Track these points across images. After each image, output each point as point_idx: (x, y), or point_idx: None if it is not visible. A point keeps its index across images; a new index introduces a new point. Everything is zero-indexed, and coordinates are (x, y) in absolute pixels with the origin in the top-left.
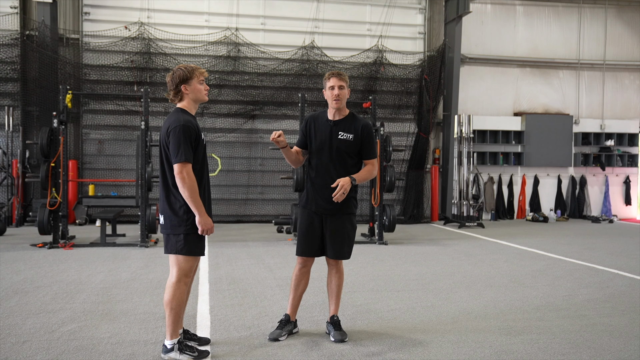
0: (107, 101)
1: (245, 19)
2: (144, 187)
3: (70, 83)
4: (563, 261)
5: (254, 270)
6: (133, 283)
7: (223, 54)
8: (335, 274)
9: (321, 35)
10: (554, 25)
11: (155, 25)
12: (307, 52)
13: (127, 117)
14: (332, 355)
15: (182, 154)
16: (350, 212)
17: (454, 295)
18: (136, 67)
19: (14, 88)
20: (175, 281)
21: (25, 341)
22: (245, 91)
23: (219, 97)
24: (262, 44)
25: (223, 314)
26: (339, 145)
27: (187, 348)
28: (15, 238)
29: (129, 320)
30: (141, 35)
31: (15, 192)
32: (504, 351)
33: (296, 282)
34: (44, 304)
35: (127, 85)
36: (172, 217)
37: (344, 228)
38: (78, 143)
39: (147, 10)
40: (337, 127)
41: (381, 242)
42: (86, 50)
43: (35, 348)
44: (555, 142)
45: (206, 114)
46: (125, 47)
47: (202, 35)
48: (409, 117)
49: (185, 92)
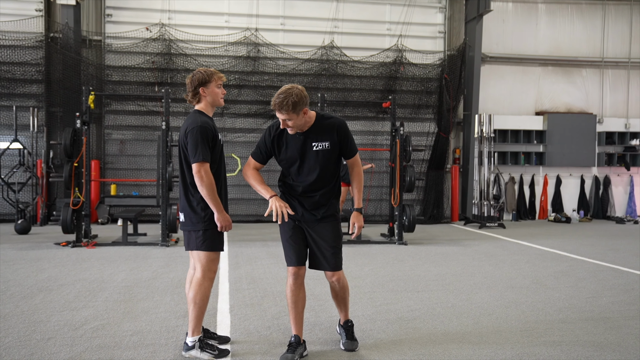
0: (129, 102)
1: (264, 19)
2: (164, 187)
3: (93, 84)
4: (586, 262)
5: (273, 269)
6: (154, 282)
7: (243, 55)
8: (337, 284)
9: (340, 35)
10: (577, 23)
11: (176, 27)
12: (326, 52)
13: (148, 117)
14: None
15: (200, 154)
16: (334, 217)
17: (474, 296)
18: (157, 68)
19: (38, 89)
20: (200, 277)
21: (49, 338)
22: (264, 91)
23: (239, 98)
24: (282, 44)
25: (243, 313)
26: (315, 156)
27: (207, 346)
28: (39, 237)
29: (150, 319)
30: (162, 37)
31: (39, 191)
32: (525, 353)
33: (294, 299)
34: (68, 302)
35: (148, 86)
36: (192, 214)
37: (331, 235)
38: (100, 143)
39: (168, 11)
40: (309, 138)
41: (401, 242)
42: (108, 52)
43: (59, 345)
44: (578, 142)
45: (226, 114)
46: (147, 48)
47: (222, 36)
48: (428, 117)
49: (203, 94)
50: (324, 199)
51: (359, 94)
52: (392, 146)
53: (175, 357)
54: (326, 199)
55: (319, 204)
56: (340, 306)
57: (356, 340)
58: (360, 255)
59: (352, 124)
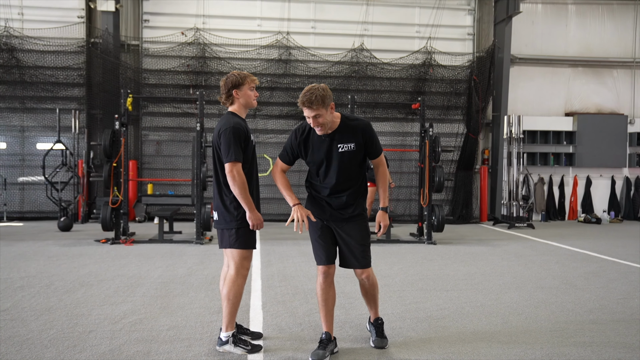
0: (165, 104)
1: (296, 23)
2: (199, 187)
3: (131, 87)
4: (617, 264)
5: (304, 267)
6: (189, 278)
7: (274, 57)
8: (367, 282)
9: (370, 38)
10: (608, 24)
11: (210, 31)
12: (356, 54)
13: (183, 119)
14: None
15: (232, 154)
16: (361, 216)
17: (503, 295)
18: (192, 71)
19: (79, 92)
20: (234, 274)
21: (91, 331)
22: (296, 93)
23: (271, 100)
24: (313, 47)
25: (275, 310)
26: (341, 157)
27: (241, 342)
28: (80, 234)
29: (185, 314)
30: (197, 41)
31: (80, 190)
32: (555, 353)
33: (324, 297)
34: (107, 297)
35: (184, 89)
36: (225, 213)
37: (359, 234)
38: (138, 144)
39: (202, 16)
40: (334, 140)
41: (430, 241)
42: (145, 56)
43: (100, 337)
44: (609, 143)
45: (258, 116)
46: (182, 52)
47: (255, 40)
48: (457, 118)
49: (236, 96)
50: (351, 199)
51: (388, 95)
52: (421, 147)
53: (210, 351)
54: (353, 198)
55: (346, 204)
56: (370, 303)
57: (386, 337)
58: (390, 254)
59: (381, 125)
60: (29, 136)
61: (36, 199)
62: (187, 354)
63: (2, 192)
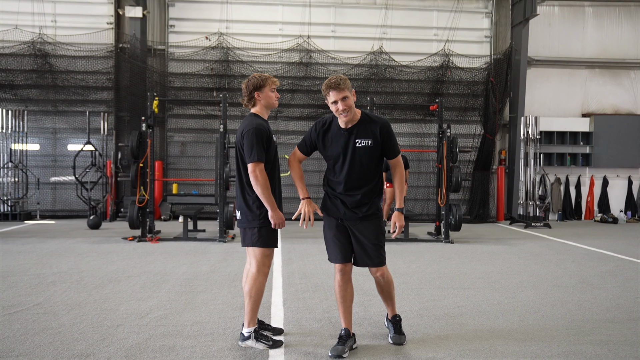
0: (189, 106)
1: (316, 27)
2: (222, 186)
3: (157, 90)
4: (634, 263)
5: (324, 265)
6: (212, 275)
7: (295, 61)
8: (382, 279)
9: (389, 41)
10: (626, 25)
11: (233, 35)
12: (375, 57)
13: (207, 120)
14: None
15: (255, 155)
16: (376, 216)
17: (520, 294)
18: (215, 74)
19: (108, 96)
20: (255, 272)
21: (119, 325)
22: (316, 95)
23: (292, 102)
24: (333, 50)
25: (295, 307)
26: (358, 153)
27: (262, 337)
28: (108, 232)
29: (209, 310)
30: (220, 45)
31: (109, 190)
32: (572, 351)
33: (342, 294)
34: (134, 292)
35: (207, 91)
36: (248, 212)
37: (373, 233)
38: (163, 145)
39: (225, 21)
40: (353, 135)
41: (447, 240)
42: (171, 60)
43: (127, 331)
44: (626, 143)
45: (280, 118)
46: (206, 56)
47: (276, 43)
48: (475, 119)
49: (258, 98)
50: (365, 198)
51: (406, 97)
52: (439, 148)
53: (232, 346)
54: (368, 197)
55: (360, 202)
56: (386, 301)
57: (404, 334)
58: (408, 252)
59: (400, 126)
60: (61, 138)
61: (67, 198)
62: (211, 349)
63: (36, 191)
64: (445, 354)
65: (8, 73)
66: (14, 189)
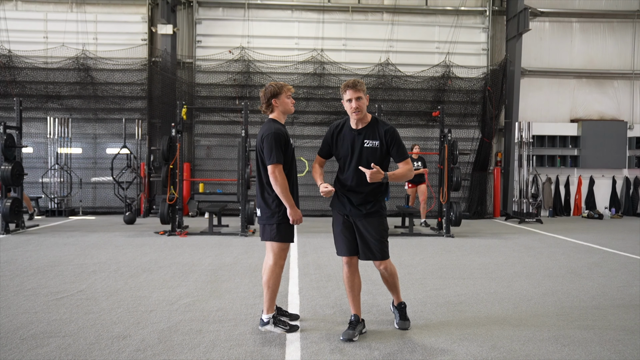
0: (214, 113)
1: (329, 41)
2: (243, 186)
3: (185, 99)
4: (618, 255)
5: (337, 257)
6: (235, 266)
7: (310, 72)
8: (386, 272)
9: (395, 54)
10: (609, 39)
11: (254, 49)
12: (382, 68)
13: (230, 126)
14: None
15: (274, 157)
16: (379, 214)
17: (514, 283)
18: (238, 84)
19: (142, 104)
20: (272, 264)
21: (152, 310)
22: (329, 103)
23: (307, 109)
24: (344, 62)
25: (310, 295)
26: (365, 153)
27: (280, 322)
28: (142, 227)
29: (232, 297)
30: (242, 58)
31: (142, 189)
32: (561, 335)
33: (350, 284)
34: (165, 281)
35: (230, 100)
36: (267, 210)
37: (377, 228)
38: (191, 148)
39: (247, 36)
40: (361, 135)
41: (448, 235)
42: (198, 72)
43: (159, 316)
44: (610, 146)
45: (296, 123)
46: (229, 68)
47: (293, 56)
48: (473, 124)
49: (275, 105)
50: (370, 197)
51: (411, 104)
52: (440, 150)
53: (253, 330)
54: (372, 196)
55: (365, 200)
56: (391, 290)
57: (409, 320)
58: (412, 246)
59: (405, 130)
60: (100, 142)
61: (106, 196)
62: (234, 332)
63: (78, 190)
64: (447, 337)
65: (55, 85)
66: (59, 188)
